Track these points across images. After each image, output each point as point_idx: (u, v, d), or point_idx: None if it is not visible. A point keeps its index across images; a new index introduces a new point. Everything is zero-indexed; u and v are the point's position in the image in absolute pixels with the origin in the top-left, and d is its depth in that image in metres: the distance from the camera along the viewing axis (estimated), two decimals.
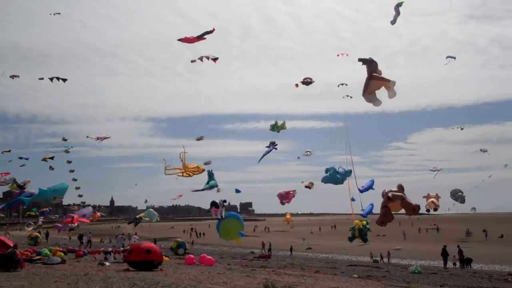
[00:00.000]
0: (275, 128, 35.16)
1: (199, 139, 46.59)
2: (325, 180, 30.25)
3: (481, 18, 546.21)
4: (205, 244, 66.69)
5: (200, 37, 22.00)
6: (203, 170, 31.08)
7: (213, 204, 26.80)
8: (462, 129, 46.99)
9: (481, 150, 47.21)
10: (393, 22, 20.60)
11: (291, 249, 52.68)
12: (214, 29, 21.99)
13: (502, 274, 29.30)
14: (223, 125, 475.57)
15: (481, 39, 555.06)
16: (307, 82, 29.80)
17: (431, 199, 37.26)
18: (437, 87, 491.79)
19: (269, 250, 47.68)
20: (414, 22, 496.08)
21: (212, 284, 14.97)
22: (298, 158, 46.71)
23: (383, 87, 18.16)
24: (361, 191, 31.12)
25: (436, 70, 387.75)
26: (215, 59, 25.03)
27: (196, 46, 23.97)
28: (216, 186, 31.09)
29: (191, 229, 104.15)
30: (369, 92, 18.19)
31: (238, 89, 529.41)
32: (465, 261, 35.76)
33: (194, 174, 30.11)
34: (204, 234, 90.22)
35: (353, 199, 29.68)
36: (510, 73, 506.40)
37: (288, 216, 74.62)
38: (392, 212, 20.29)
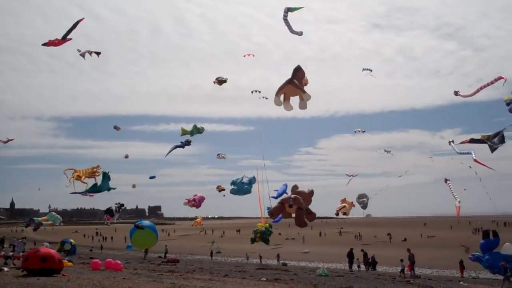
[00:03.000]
0: (194, 131, 34.65)
1: (116, 128, 45.29)
2: (233, 192, 30.20)
3: (386, 28, 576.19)
4: (112, 249, 64.76)
5: (65, 38, 20.89)
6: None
7: (108, 211, 25.86)
8: (363, 131, 48.81)
9: (385, 150, 49.40)
10: (299, 33, 20.82)
11: (211, 254, 52.36)
12: (83, 18, 20.89)
13: (405, 276, 30.67)
14: (131, 126, 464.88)
15: (387, 48, 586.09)
16: (220, 81, 29.66)
17: (343, 204, 38.48)
18: (345, 94, 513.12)
19: (165, 253, 47.54)
20: (324, 30, 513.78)
21: None
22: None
23: (298, 96, 18.35)
24: (275, 197, 31.38)
25: (344, 77, 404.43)
26: (97, 53, 24.16)
27: (104, 43, 23.05)
28: (108, 189, 29.15)
29: (96, 233, 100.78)
30: (281, 93, 18.24)
31: (147, 90, 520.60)
32: (370, 264, 37.11)
33: (91, 176, 28.05)
34: (112, 238, 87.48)
35: (268, 208, 29.80)
36: (415, 83, 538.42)
37: (199, 220, 74.12)
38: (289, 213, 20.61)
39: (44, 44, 20.73)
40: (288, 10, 19.51)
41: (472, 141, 23.46)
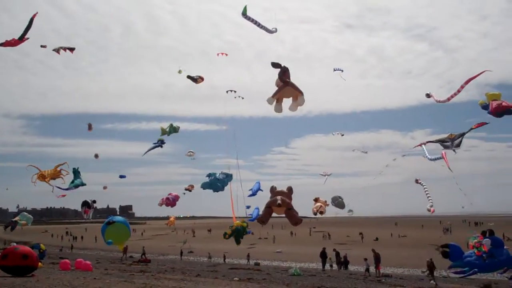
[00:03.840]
0: (171, 130, 34.35)
1: (89, 127, 44.82)
2: (204, 186, 29.94)
3: (359, 28, 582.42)
4: (82, 248, 63.82)
5: (23, 37, 20.38)
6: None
7: (85, 203, 25.41)
8: (342, 135, 49.13)
9: (362, 151, 49.72)
10: (273, 31, 20.67)
11: (181, 253, 52.00)
12: (36, 13, 20.34)
13: (376, 275, 30.96)
14: (102, 124, 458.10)
15: (360, 48, 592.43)
16: (194, 78, 29.45)
17: (319, 204, 38.55)
18: (318, 94, 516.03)
19: (143, 254, 47.18)
20: (297, 29, 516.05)
21: None
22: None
23: (291, 98, 18.19)
24: (250, 196, 31.29)
25: (317, 77, 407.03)
26: (71, 49, 23.76)
27: (75, 39, 22.64)
28: (83, 184, 28.83)
29: (66, 232, 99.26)
30: (278, 97, 18.04)
31: (119, 88, 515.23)
32: (343, 263, 37.34)
33: (56, 177, 27.42)
34: (82, 237, 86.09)
35: (248, 207, 29.64)
36: (387, 83, 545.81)
37: (172, 219, 73.59)
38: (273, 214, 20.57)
39: (1, 45, 20.15)
40: (243, 14, 19.35)
41: (429, 142, 23.51)
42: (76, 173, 28.14)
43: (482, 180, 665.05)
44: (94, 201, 26.71)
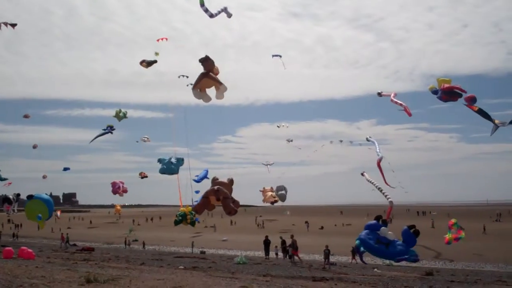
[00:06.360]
0: (122, 115, 34.10)
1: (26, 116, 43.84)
2: (162, 171, 29.98)
3: (305, 16, 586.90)
4: (24, 236, 62.20)
5: None
6: None
7: (5, 200, 24.93)
8: (287, 127, 50.10)
9: (323, 145, 50.48)
10: (229, 15, 20.83)
11: (125, 242, 51.51)
12: None
13: (321, 263, 31.74)
14: (44, 110, 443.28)
15: (307, 37, 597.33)
16: (149, 62, 29.26)
17: (269, 193, 39.09)
18: (265, 83, 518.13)
19: (67, 241, 46.55)
20: (245, 17, 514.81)
21: (30, 279, 14.08)
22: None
23: (213, 86, 18.76)
24: (196, 181, 31.53)
25: (264, 66, 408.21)
26: (13, 25, 23.32)
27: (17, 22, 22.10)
28: (3, 179, 27.93)
29: (8, 220, 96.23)
30: (199, 88, 18.61)
31: (61, 73, 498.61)
32: (288, 251, 37.97)
33: None
34: (21, 225, 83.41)
35: (197, 192, 29.77)
36: (333, 73, 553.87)
37: (118, 207, 72.78)
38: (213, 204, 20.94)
39: None
40: (201, 5, 19.56)
41: (480, 112, 23.20)
42: None
43: (426, 170, 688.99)
44: (18, 195, 26.15)
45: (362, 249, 23.02)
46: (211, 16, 19.82)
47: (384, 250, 22.22)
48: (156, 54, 29.01)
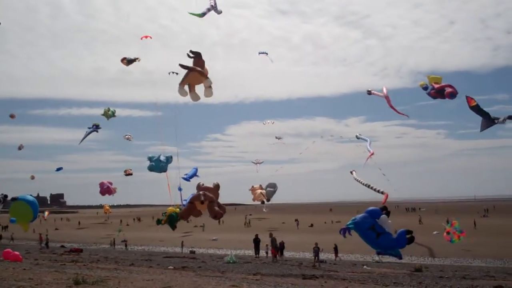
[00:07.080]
0: (111, 114, 33.87)
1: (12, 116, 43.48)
2: (151, 168, 29.82)
3: (292, 14, 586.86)
4: (10, 239, 61.56)
5: None
6: None
7: None
8: (273, 123, 50.16)
9: (330, 135, 50.72)
10: (218, 11, 20.66)
11: (113, 243, 51.06)
12: None
13: (311, 261, 31.78)
14: (30, 110, 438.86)
15: (295, 35, 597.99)
16: (129, 60, 29.02)
17: (259, 191, 38.90)
18: (254, 80, 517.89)
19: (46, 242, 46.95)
20: (232, 14, 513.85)
21: (17, 281, 13.91)
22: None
23: (202, 84, 18.12)
24: (186, 179, 31.40)
25: (252, 64, 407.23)
26: None
27: (1, 20, 21.85)
28: None
29: None
30: (186, 83, 17.87)
31: (47, 72, 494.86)
32: (278, 249, 37.90)
33: None
34: (7, 227, 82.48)
35: (180, 189, 29.62)
36: (321, 70, 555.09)
37: (107, 207, 72.38)
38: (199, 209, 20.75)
39: None
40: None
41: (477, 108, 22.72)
42: None
43: (414, 166, 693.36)
44: (6, 196, 25.86)
45: (351, 227, 22.79)
46: (203, 15, 19.70)
47: (373, 238, 22.08)
48: (137, 60, 28.75)
